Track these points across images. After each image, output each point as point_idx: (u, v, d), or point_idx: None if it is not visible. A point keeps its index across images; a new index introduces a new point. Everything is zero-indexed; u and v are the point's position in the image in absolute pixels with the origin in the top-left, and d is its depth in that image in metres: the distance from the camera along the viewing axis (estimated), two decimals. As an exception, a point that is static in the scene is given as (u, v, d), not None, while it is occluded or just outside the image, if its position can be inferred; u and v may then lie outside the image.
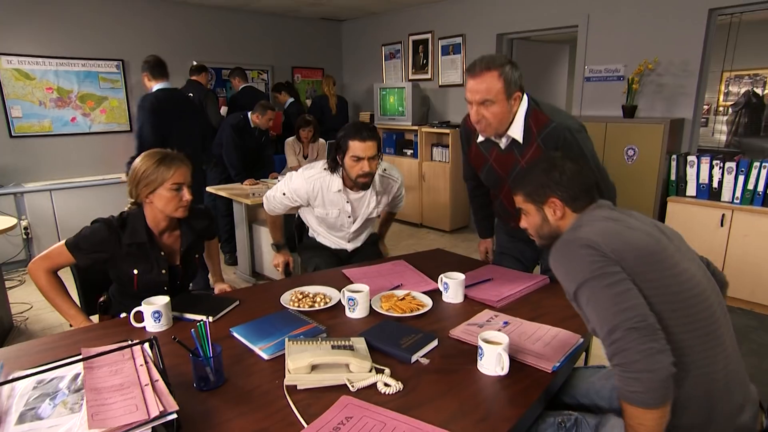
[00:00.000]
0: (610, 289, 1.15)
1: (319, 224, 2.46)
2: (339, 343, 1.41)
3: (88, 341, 1.49)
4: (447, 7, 5.83)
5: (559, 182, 1.42)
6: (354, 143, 2.14)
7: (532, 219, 1.50)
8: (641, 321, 1.10)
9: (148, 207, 1.84)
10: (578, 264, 1.22)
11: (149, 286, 1.84)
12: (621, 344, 1.10)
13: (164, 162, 1.79)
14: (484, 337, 1.36)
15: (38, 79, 4.85)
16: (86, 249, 1.76)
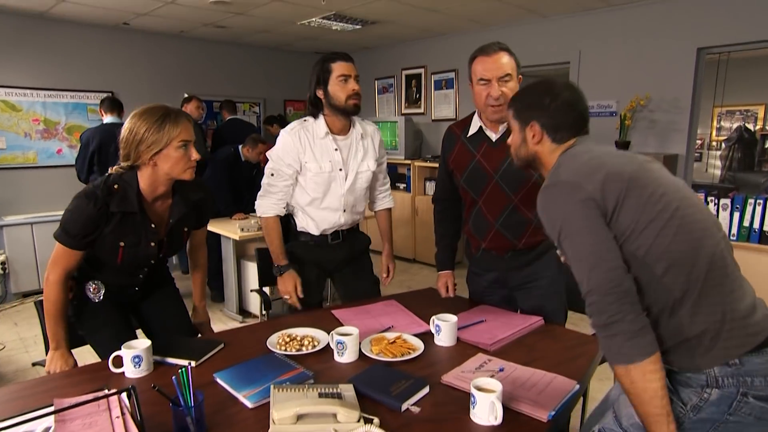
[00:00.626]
0: (590, 246, 1.16)
1: (311, 203, 2.21)
2: (326, 390, 1.35)
3: (62, 388, 1.42)
4: (440, 43, 5.94)
5: (546, 108, 1.37)
6: (337, 64, 2.06)
7: (515, 137, 1.46)
8: (617, 286, 1.13)
9: (147, 171, 1.65)
10: (558, 212, 1.22)
11: (134, 260, 1.73)
12: (597, 307, 1.14)
13: (169, 118, 1.62)
14: (477, 384, 1.31)
15: (25, 110, 4.84)
16: (77, 233, 1.60)
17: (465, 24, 5.30)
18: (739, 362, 1.15)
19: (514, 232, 1.99)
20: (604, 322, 1.13)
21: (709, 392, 1.17)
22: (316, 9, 4.57)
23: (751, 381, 1.15)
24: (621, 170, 1.21)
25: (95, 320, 1.83)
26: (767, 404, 1.14)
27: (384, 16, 4.93)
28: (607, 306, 1.13)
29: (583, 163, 1.26)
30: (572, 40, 4.69)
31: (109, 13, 4.70)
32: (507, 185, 1.95)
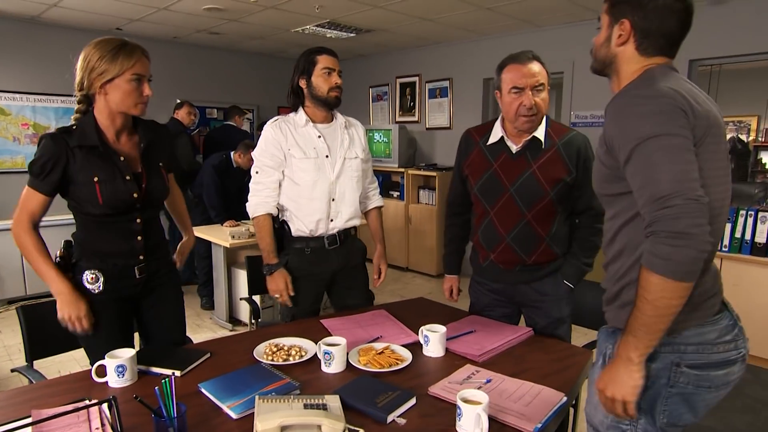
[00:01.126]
0: (680, 154, 1.07)
1: (300, 195, 2.17)
2: (312, 401, 1.34)
3: (42, 399, 1.39)
4: (434, 51, 5.96)
5: (643, 6, 1.22)
6: (322, 57, 2.10)
7: (601, 34, 1.31)
8: (703, 197, 1.05)
9: (100, 103, 1.65)
10: (652, 115, 1.10)
11: (116, 200, 1.67)
12: (679, 210, 1.03)
13: (124, 49, 1.61)
14: (463, 395, 1.30)
15: (14, 115, 4.82)
16: (42, 172, 1.60)
17: (459, 33, 5.33)
18: (679, 334, 1.18)
19: (525, 247, 1.94)
20: (682, 229, 1.03)
21: (648, 367, 1.17)
22: (310, 17, 4.58)
23: (684, 349, 1.18)
24: (708, 114, 1.16)
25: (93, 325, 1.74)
26: (700, 372, 1.18)
27: (378, 25, 4.95)
28: (691, 213, 1.03)
29: (681, 85, 1.17)
30: (566, 51, 4.72)
31: (102, 19, 4.69)
32: (521, 200, 1.90)
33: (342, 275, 2.28)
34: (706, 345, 1.19)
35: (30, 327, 1.93)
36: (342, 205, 2.21)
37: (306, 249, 2.20)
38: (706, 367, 1.19)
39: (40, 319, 1.96)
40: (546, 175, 1.87)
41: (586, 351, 1.82)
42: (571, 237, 2.00)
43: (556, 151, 1.89)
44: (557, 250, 1.97)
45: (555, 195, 1.88)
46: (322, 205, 2.17)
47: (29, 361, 1.91)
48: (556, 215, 1.94)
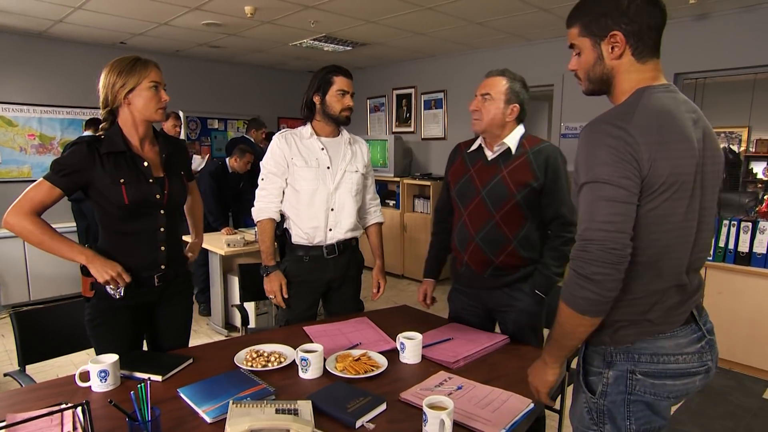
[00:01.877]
0: (610, 205, 1.12)
1: (300, 203, 2.26)
2: (283, 406, 1.38)
3: (24, 403, 1.44)
4: (429, 64, 6.04)
5: (625, 11, 1.19)
6: (339, 78, 2.23)
7: (585, 57, 1.27)
8: (619, 249, 1.11)
9: (124, 114, 1.80)
10: (597, 160, 1.14)
11: (140, 199, 1.78)
12: (592, 256, 1.12)
13: (139, 62, 1.78)
14: (430, 401, 1.34)
15: (21, 126, 4.94)
16: (67, 169, 1.70)
17: (453, 46, 5.40)
18: (632, 343, 1.24)
19: (492, 248, 2.03)
20: (588, 274, 1.13)
21: (607, 374, 1.26)
22: (306, 31, 4.67)
23: (638, 358, 1.23)
24: (675, 170, 1.15)
25: (107, 331, 1.82)
26: (656, 380, 1.23)
27: (373, 39, 5.03)
28: (602, 261, 1.11)
29: (652, 126, 1.14)
30: (555, 64, 4.78)
31: (106, 33, 4.80)
32: (491, 201, 2.02)
33: (337, 284, 2.36)
34: (661, 356, 1.23)
35: (23, 332, 1.98)
36: (341, 216, 2.29)
37: (305, 257, 2.28)
38: (662, 377, 1.22)
39: (34, 325, 2.02)
40: (514, 179, 1.99)
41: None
42: (542, 246, 2.06)
43: (525, 158, 2.00)
44: (525, 255, 2.03)
45: (522, 198, 1.97)
46: (321, 214, 2.25)
47: (22, 366, 1.96)
48: (525, 221, 2.02)
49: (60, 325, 2.08)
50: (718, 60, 3.98)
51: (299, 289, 2.30)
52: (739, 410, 2.99)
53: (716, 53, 3.97)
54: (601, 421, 1.28)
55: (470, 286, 2.16)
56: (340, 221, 2.30)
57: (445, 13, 4.12)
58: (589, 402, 1.30)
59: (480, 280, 2.09)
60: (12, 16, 4.25)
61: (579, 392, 1.34)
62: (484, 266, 2.06)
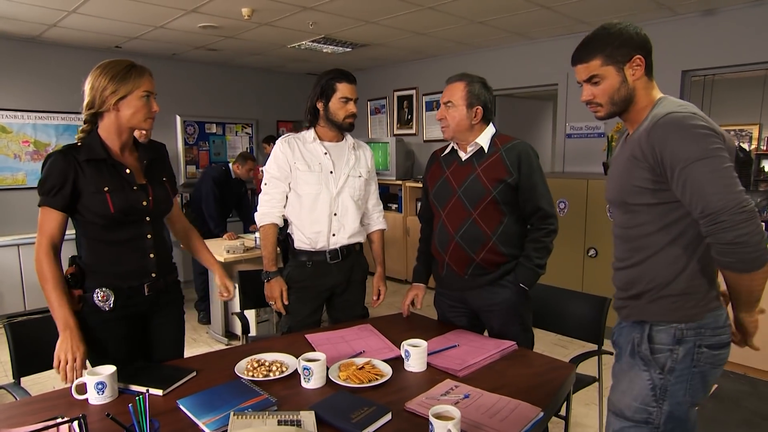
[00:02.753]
0: (723, 172, 1.26)
1: (303, 208, 2.25)
2: (286, 417, 1.35)
3: (20, 417, 1.40)
4: (431, 64, 6.01)
5: (637, 38, 1.43)
6: (342, 85, 2.21)
7: (609, 83, 1.46)
8: (747, 205, 1.23)
9: (108, 120, 1.73)
10: (697, 141, 1.29)
11: (126, 207, 1.72)
12: (727, 224, 1.23)
13: (134, 70, 1.72)
14: (436, 411, 1.30)
15: (15, 132, 4.88)
16: (56, 187, 1.65)
17: (454, 46, 5.37)
18: (701, 319, 1.39)
19: (471, 245, 2.05)
20: (731, 239, 1.23)
21: (677, 351, 1.40)
22: (305, 33, 4.64)
23: (704, 332, 1.39)
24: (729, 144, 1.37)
25: (100, 345, 1.75)
26: (716, 351, 1.40)
27: (372, 39, 5.00)
28: (737, 225, 1.22)
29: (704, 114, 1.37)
30: (560, 63, 4.75)
31: (101, 37, 4.77)
32: (467, 200, 2.06)
33: (341, 290, 2.34)
34: (718, 328, 1.41)
35: (17, 343, 1.94)
36: (344, 221, 2.28)
37: (308, 262, 2.27)
38: (719, 347, 1.41)
39: (28, 336, 1.97)
40: (488, 176, 2.03)
41: (569, 365, 1.81)
42: (523, 242, 2.09)
43: (498, 156, 2.05)
44: (505, 251, 2.05)
45: (498, 194, 2.01)
46: (323, 218, 2.24)
47: (16, 378, 1.92)
48: (503, 216, 2.05)
49: (55, 336, 2.03)
50: (727, 56, 3.92)
51: (302, 294, 2.28)
52: (755, 417, 2.93)
53: (725, 49, 3.91)
54: (662, 396, 1.41)
55: (452, 289, 2.17)
56: (343, 226, 2.29)
57: (446, 13, 4.09)
58: (654, 379, 1.41)
59: (461, 281, 2.10)
60: (5, 20, 4.20)
61: (639, 371, 1.44)
62: (464, 265, 2.07)
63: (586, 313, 2.39)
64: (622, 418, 1.46)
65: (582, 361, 2.16)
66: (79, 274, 1.76)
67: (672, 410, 1.40)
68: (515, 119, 5.65)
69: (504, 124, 5.34)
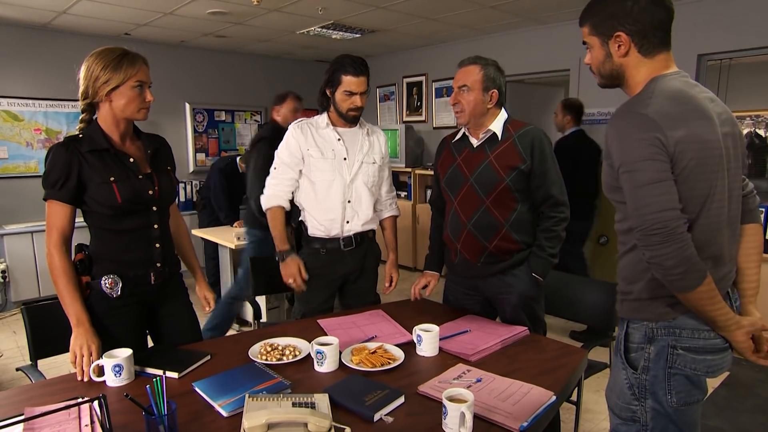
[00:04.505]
0: (648, 187, 1.19)
1: (317, 196, 2.24)
2: (300, 399, 1.36)
3: (40, 397, 1.43)
4: (440, 51, 5.96)
5: (629, 13, 1.29)
6: (347, 78, 2.15)
7: (595, 55, 1.38)
8: (662, 228, 1.16)
9: (104, 110, 1.71)
10: (630, 145, 1.22)
11: (133, 197, 1.71)
12: (643, 242, 1.20)
13: (126, 58, 1.68)
14: (449, 394, 1.31)
15: (27, 120, 4.91)
16: (61, 179, 1.63)
17: (464, 31, 5.32)
18: (673, 319, 1.30)
19: (484, 233, 2.04)
20: (649, 258, 1.20)
21: (648, 349, 1.33)
22: (314, 18, 4.61)
23: (679, 333, 1.30)
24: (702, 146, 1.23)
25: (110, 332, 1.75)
26: (696, 355, 1.29)
27: (382, 25, 4.96)
28: (652, 246, 1.18)
29: (671, 109, 1.23)
30: (572, 48, 4.69)
31: (110, 24, 4.77)
32: (480, 187, 2.03)
33: (354, 276, 2.35)
34: (701, 330, 1.29)
35: (34, 327, 1.96)
36: (357, 208, 2.27)
37: (322, 250, 2.27)
38: (702, 351, 1.29)
39: (44, 319, 1.99)
40: (501, 163, 2.00)
41: (581, 350, 1.82)
42: (536, 229, 2.08)
43: (511, 142, 2.02)
44: (519, 239, 2.04)
45: (511, 181, 1.99)
46: (337, 206, 2.23)
47: (33, 361, 1.95)
48: (516, 203, 2.03)
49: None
50: (744, 39, 3.84)
51: (316, 282, 2.29)
52: (769, 404, 2.93)
53: (741, 32, 3.84)
54: (642, 396, 1.34)
55: (466, 276, 2.16)
56: (357, 213, 2.28)
57: (456, -2, 4.05)
58: (630, 378, 1.36)
59: (474, 269, 2.09)
60: (15, 8, 4.21)
61: (619, 369, 1.39)
62: (477, 254, 2.06)
63: (598, 300, 2.38)
64: (613, 414, 1.44)
65: (593, 346, 2.15)
66: (87, 260, 1.76)
67: (656, 408, 1.33)
68: (526, 105, 5.59)
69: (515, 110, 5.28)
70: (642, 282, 1.33)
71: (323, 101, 2.27)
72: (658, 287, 1.28)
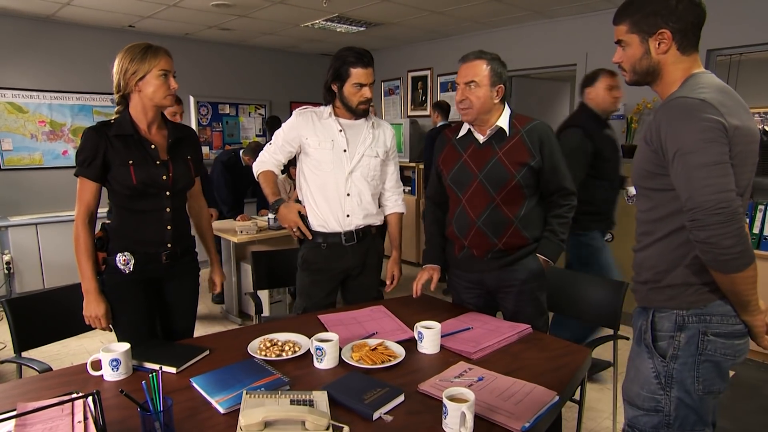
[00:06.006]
0: (710, 169, 1.19)
1: (318, 188, 2.24)
2: (298, 397, 1.34)
3: (35, 392, 1.42)
4: (446, 45, 5.91)
5: (673, 11, 1.32)
6: (356, 70, 2.14)
7: (632, 51, 1.40)
8: (726, 207, 1.17)
9: (134, 100, 1.88)
10: (690, 128, 1.22)
11: (147, 180, 1.87)
12: (700, 223, 1.19)
13: (150, 50, 1.85)
14: (450, 393, 1.29)
15: (31, 112, 4.90)
16: (88, 159, 1.82)
17: (470, 25, 5.27)
18: (704, 306, 1.33)
19: (494, 230, 2.02)
20: (704, 239, 1.20)
21: (679, 337, 1.34)
22: (318, 11, 4.57)
23: (710, 319, 1.32)
24: (748, 131, 1.28)
25: (120, 302, 1.92)
26: (726, 340, 1.32)
27: (387, 18, 4.92)
28: (712, 226, 1.18)
29: (724, 99, 1.26)
30: (579, 42, 4.63)
31: (114, 16, 4.74)
32: (490, 185, 2.00)
33: (356, 272, 2.33)
34: (729, 316, 1.32)
35: (17, 319, 1.96)
36: (357, 201, 2.25)
37: (323, 244, 2.25)
38: (732, 336, 1.33)
39: (28, 311, 2.01)
40: (511, 160, 1.98)
41: (584, 349, 1.79)
42: (543, 223, 2.08)
43: (519, 138, 2.00)
44: (527, 235, 2.03)
45: (521, 178, 1.97)
46: (335, 199, 2.21)
47: (17, 353, 1.96)
48: (525, 199, 2.02)
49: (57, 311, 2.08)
50: (755, 34, 3.78)
51: (317, 277, 2.27)
52: (774, 404, 2.90)
53: (752, 27, 3.77)
54: (668, 384, 1.35)
55: (469, 270, 2.14)
56: (356, 206, 2.25)
57: (462, -9, 4.00)
58: (658, 366, 1.37)
59: (480, 263, 2.08)
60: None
61: (644, 359, 1.40)
62: (486, 250, 2.05)
63: (602, 298, 2.35)
64: (633, 406, 1.43)
65: (597, 345, 2.13)
66: (105, 238, 1.93)
67: (681, 398, 1.35)
68: (532, 100, 5.55)
69: (521, 105, 5.25)
70: (676, 270, 1.35)
71: (328, 96, 2.25)
72: (693, 274, 1.32)
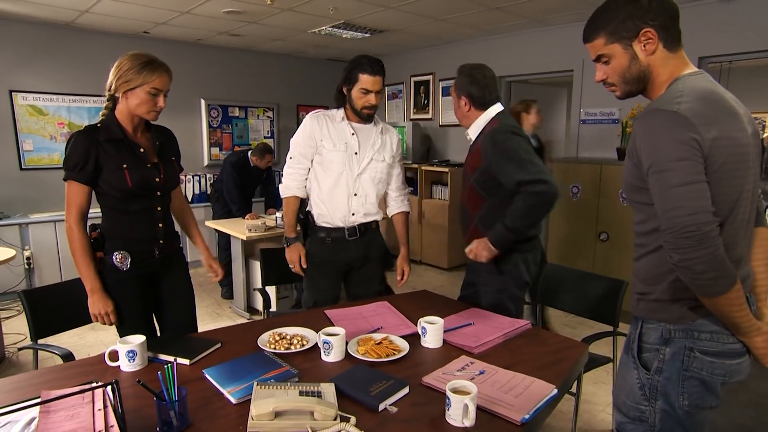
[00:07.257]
0: (681, 189, 1.14)
1: (326, 186, 2.33)
2: (307, 388, 1.39)
3: (57, 381, 1.49)
4: (447, 50, 5.98)
5: (648, 9, 1.24)
6: (364, 76, 2.24)
7: (618, 62, 1.31)
8: (695, 230, 1.11)
9: (121, 104, 1.91)
10: (663, 144, 1.16)
11: (142, 182, 1.92)
12: (672, 245, 1.15)
13: (149, 66, 1.86)
14: (453, 386, 1.34)
15: (51, 115, 5.05)
16: (80, 163, 1.83)
17: (471, 32, 5.33)
18: (693, 321, 1.26)
19: (464, 228, 2.28)
20: (677, 262, 1.15)
21: (663, 351, 1.30)
22: (325, 18, 4.65)
23: (697, 335, 1.26)
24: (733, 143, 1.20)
25: (121, 299, 1.97)
26: (714, 359, 1.26)
27: (391, 25, 4.99)
28: (682, 249, 1.13)
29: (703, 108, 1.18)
30: (575, 49, 4.70)
31: (130, 23, 4.84)
32: (462, 185, 2.30)
33: (359, 263, 2.43)
34: (720, 334, 1.25)
35: (33, 309, 2.07)
36: (362, 201, 2.36)
37: (327, 238, 2.37)
38: (721, 355, 1.26)
39: (43, 302, 2.12)
40: (469, 165, 2.22)
41: (582, 344, 1.84)
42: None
43: (478, 144, 2.17)
44: (486, 233, 2.12)
45: (475, 181, 2.17)
46: (343, 197, 2.33)
47: (34, 341, 2.07)
48: (485, 201, 2.17)
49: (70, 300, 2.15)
50: (745, 42, 3.84)
51: (322, 268, 2.39)
52: (763, 399, 2.93)
53: (742, 35, 3.83)
54: (653, 397, 1.32)
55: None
56: (361, 206, 2.36)
57: (466, -2, 4.07)
58: (642, 378, 1.33)
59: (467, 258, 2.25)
60: (40, 7, 4.30)
61: (630, 369, 1.37)
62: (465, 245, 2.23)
63: (601, 295, 2.41)
64: (619, 413, 1.42)
65: (594, 341, 2.18)
66: (101, 238, 1.98)
67: (666, 410, 1.30)
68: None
69: (521, 110, 5.30)
70: (663, 284, 1.29)
71: (339, 98, 2.35)
72: (680, 290, 1.24)
